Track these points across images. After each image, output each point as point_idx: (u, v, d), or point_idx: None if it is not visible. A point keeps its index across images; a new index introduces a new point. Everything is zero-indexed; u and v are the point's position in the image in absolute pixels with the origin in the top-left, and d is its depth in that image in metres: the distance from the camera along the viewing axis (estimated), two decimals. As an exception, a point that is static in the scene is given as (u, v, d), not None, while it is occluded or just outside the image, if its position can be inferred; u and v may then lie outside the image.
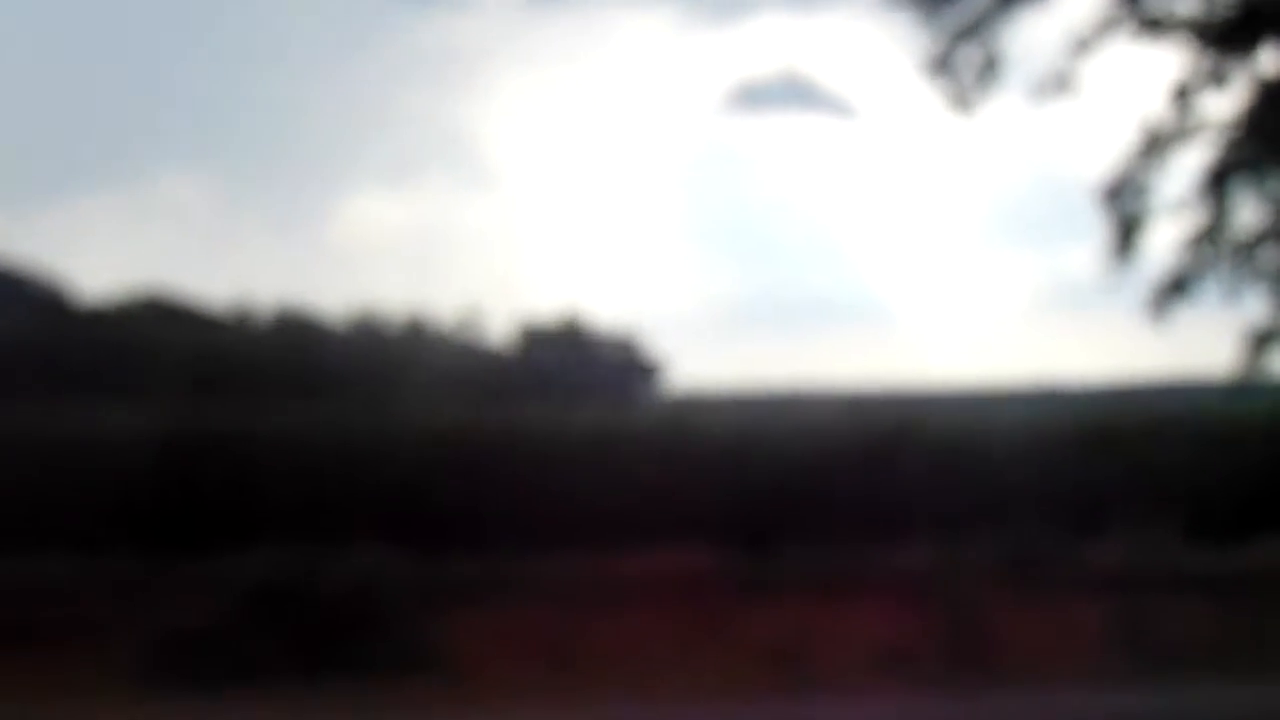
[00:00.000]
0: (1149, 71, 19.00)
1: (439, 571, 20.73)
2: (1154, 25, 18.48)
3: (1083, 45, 18.44)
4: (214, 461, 23.11)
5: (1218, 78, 18.50)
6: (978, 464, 22.52)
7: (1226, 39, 18.48)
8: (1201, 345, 20.04)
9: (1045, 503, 21.70)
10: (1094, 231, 19.00)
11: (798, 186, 58.57)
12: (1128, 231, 18.64)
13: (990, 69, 18.74)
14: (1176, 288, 18.73)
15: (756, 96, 64.56)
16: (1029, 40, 19.21)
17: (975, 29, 18.65)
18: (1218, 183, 18.61)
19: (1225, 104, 18.67)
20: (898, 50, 18.82)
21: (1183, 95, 18.56)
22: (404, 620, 20.05)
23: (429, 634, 19.93)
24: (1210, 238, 18.67)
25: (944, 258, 53.75)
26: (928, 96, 19.06)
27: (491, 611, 19.92)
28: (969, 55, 18.72)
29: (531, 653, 19.49)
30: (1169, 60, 18.66)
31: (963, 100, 18.85)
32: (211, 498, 22.60)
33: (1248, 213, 18.79)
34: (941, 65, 18.78)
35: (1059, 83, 18.46)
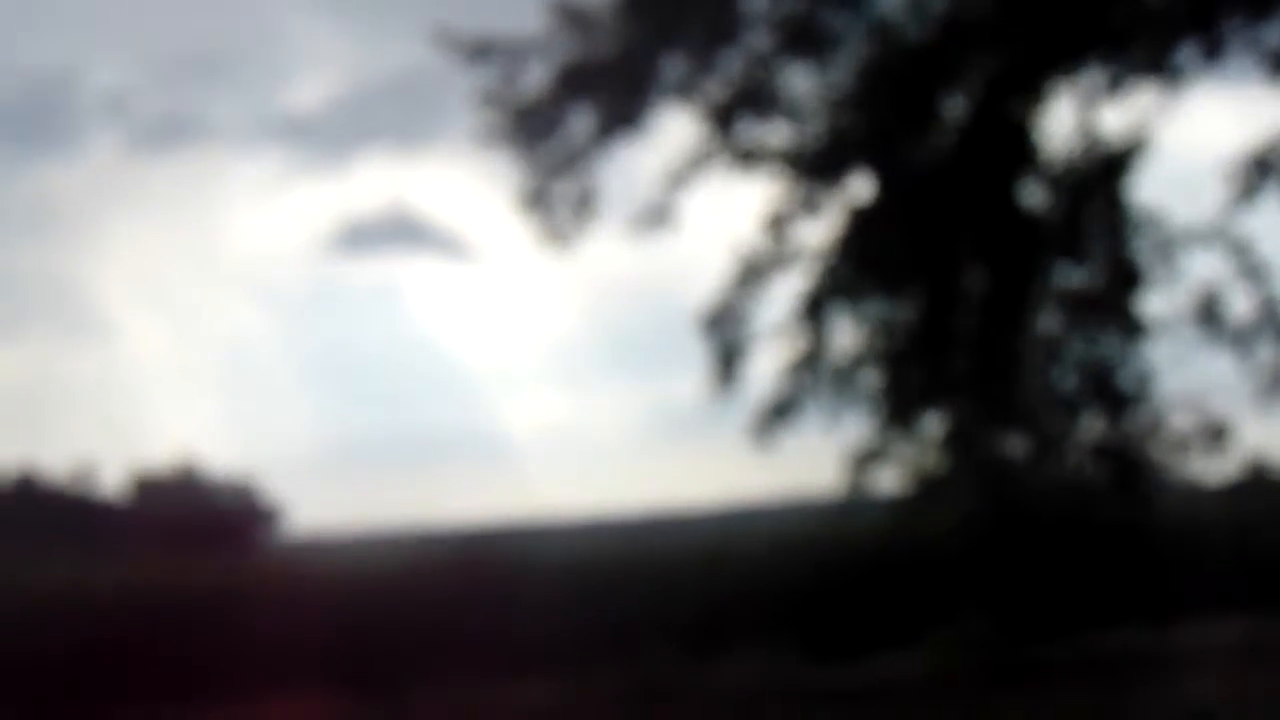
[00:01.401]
0: (745, 202, 19.42)
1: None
2: (747, 157, 18.95)
3: (678, 178, 18.78)
4: None
5: (811, 206, 19.00)
6: (598, 594, 22.51)
7: (818, 168, 19.03)
8: (807, 467, 20.39)
9: (666, 629, 21.78)
10: (698, 360, 19.28)
11: (410, 325, 58.47)
12: (729, 359, 18.95)
13: (586, 203, 18.95)
14: (778, 413, 19.09)
15: (364, 236, 64.56)
16: (627, 173, 19.52)
17: (570, 164, 18.86)
18: (815, 309, 19.06)
19: (819, 231, 19.18)
20: (502, 186, 18.87)
21: (777, 224, 18.99)
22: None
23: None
24: (809, 363, 19.08)
25: (556, 390, 54.21)
26: (526, 232, 19.19)
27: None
28: (564, 190, 18.92)
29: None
30: (764, 191, 19.12)
31: (558, 235, 19.01)
32: None
33: (846, 337, 19.29)
34: (536, 201, 18.92)
35: (657, 215, 18.76)
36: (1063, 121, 19.20)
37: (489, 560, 24.26)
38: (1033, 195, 19.50)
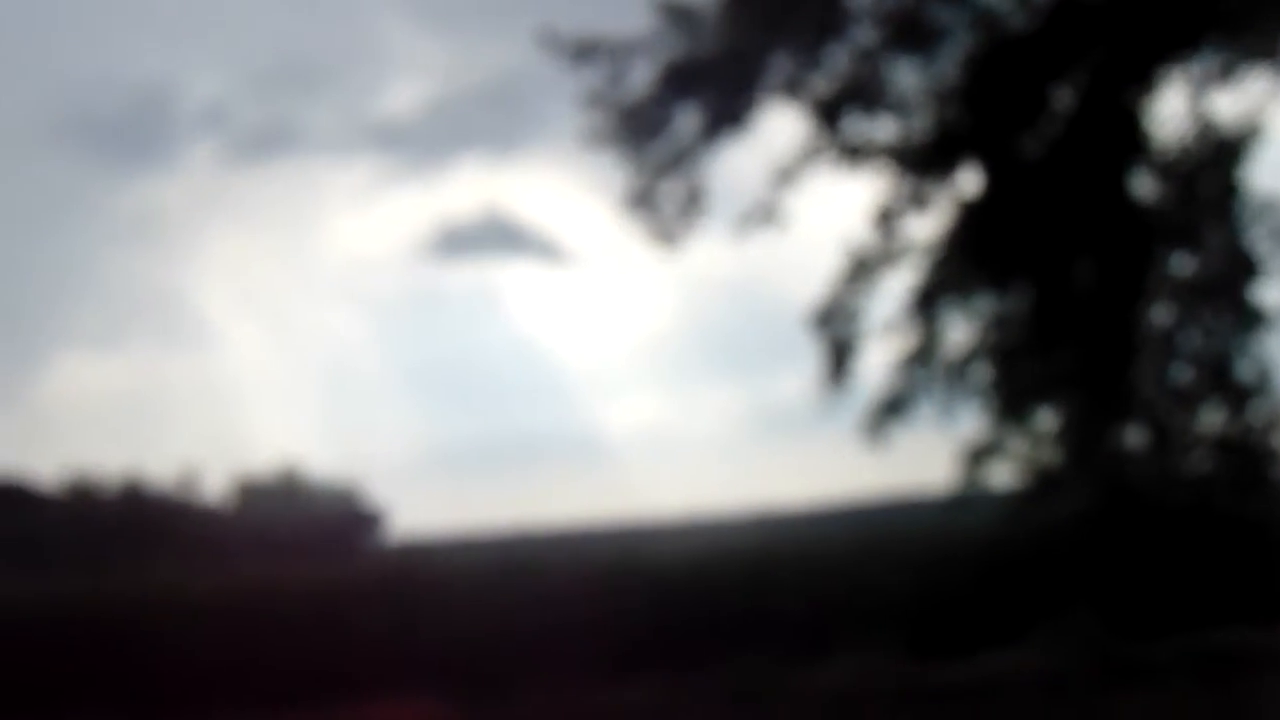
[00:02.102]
0: (853, 198, 19.30)
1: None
2: (854, 153, 18.81)
3: (785, 176, 18.67)
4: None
5: (919, 201, 18.87)
6: (701, 594, 22.41)
7: (925, 163, 18.88)
8: (918, 463, 20.26)
9: (771, 629, 21.66)
10: (806, 358, 19.18)
11: (508, 329, 58.64)
12: (840, 356, 18.85)
13: (693, 202, 18.88)
14: (891, 409, 18.96)
15: (461, 241, 64.65)
16: (732, 172, 19.42)
17: (677, 164, 18.78)
18: (926, 304, 18.93)
19: (928, 226, 19.04)
20: (601, 189, 18.85)
21: (886, 220, 18.87)
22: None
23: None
24: (921, 358, 18.94)
25: (656, 392, 54.16)
26: (632, 233, 19.12)
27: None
28: (671, 190, 18.85)
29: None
30: (871, 187, 18.99)
31: (666, 234, 18.95)
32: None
33: (957, 332, 19.13)
34: (643, 201, 18.87)
35: (764, 214, 18.66)
36: (1174, 109, 18.98)
37: (590, 562, 24.23)
38: (1144, 185, 19.27)
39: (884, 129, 19.01)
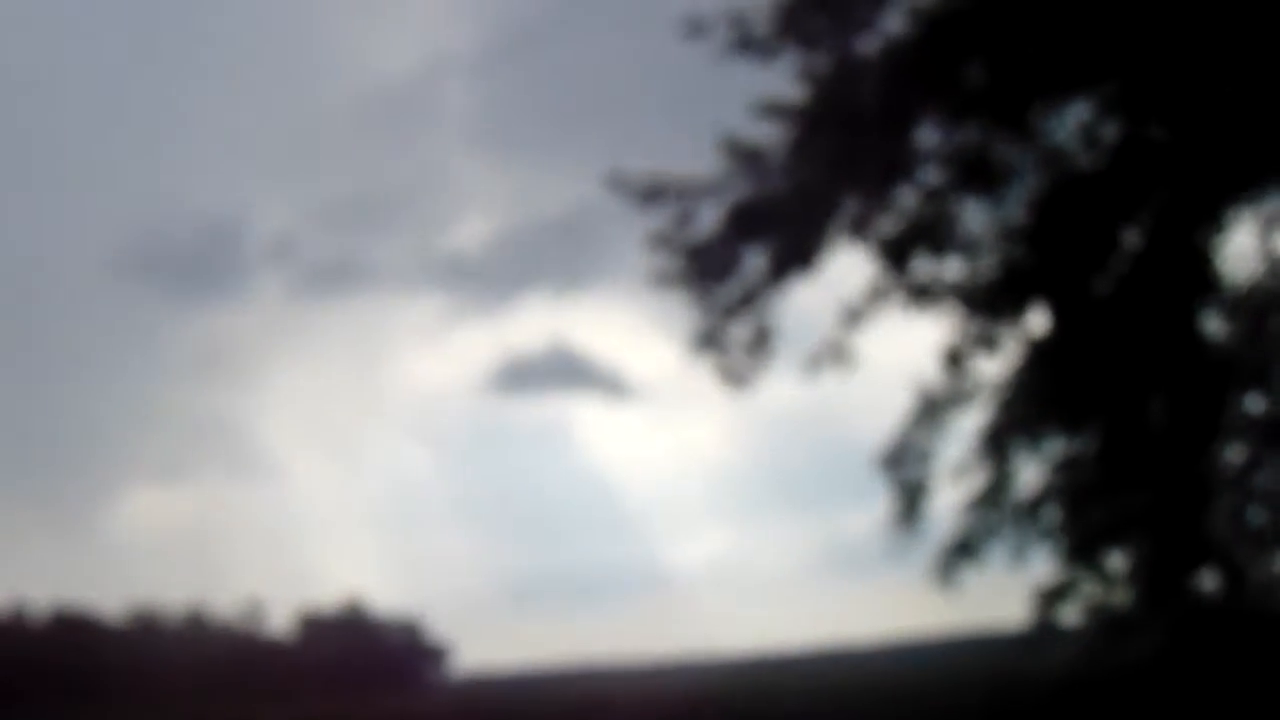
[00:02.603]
0: (922, 338, 19.26)
1: None
2: (922, 293, 18.76)
3: (854, 316, 18.63)
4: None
5: (988, 341, 18.78)
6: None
7: (993, 303, 18.82)
8: (988, 600, 20.16)
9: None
10: (875, 495, 19.09)
11: (573, 463, 59.04)
12: (911, 498, 18.74)
13: (762, 343, 18.86)
14: (962, 551, 18.83)
15: (526, 376, 65.49)
16: (800, 311, 19.41)
17: (745, 304, 18.78)
18: (996, 445, 18.83)
19: (998, 366, 18.96)
20: (666, 325, 18.87)
21: (955, 360, 18.80)
22: None
23: None
24: (992, 499, 18.81)
25: (722, 527, 54.48)
26: (699, 371, 19.10)
27: None
28: (740, 330, 18.84)
29: None
30: (940, 326, 18.94)
31: (735, 375, 18.91)
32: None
33: (1028, 473, 19.01)
34: (712, 341, 18.85)
35: (833, 354, 18.61)
36: (1243, 247, 18.89)
37: (658, 696, 24.17)
38: (1214, 323, 19.15)
39: (952, 269, 18.97)
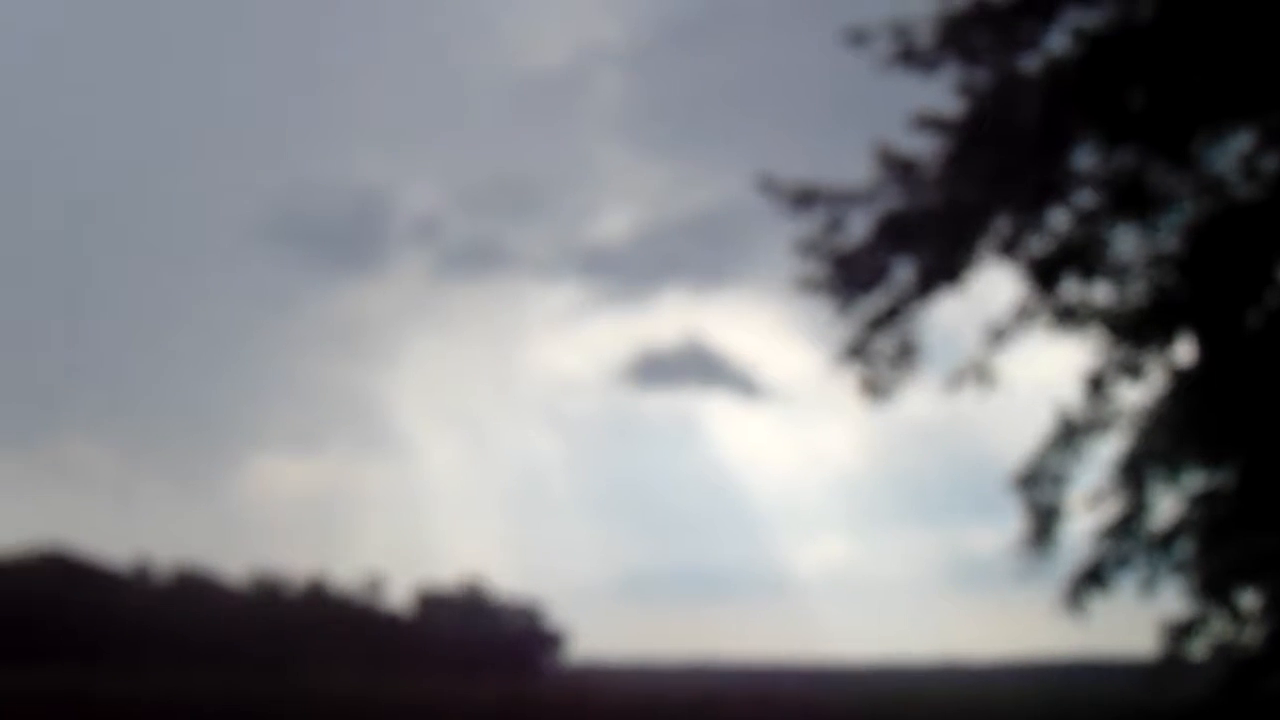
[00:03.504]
0: (1065, 361, 19.09)
1: None
2: (1069, 315, 18.57)
3: (998, 335, 18.49)
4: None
5: (1133, 368, 18.58)
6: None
7: (1140, 330, 18.61)
8: (1115, 628, 20.00)
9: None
10: (1003, 513, 19.00)
11: (700, 460, 59.10)
12: (1045, 520, 18.59)
13: (906, 356, 18.75)
14: (1092, 579, 18.68)
15: (660, 369, 65.54)
16: (942, 325, 19.29)
17: (890, 316, 18.68)
18: (1133, 473, 18.65)
19: (1140, 394, 18.77)
20: (804, 328, 18.86)
21: (1098, 385, 18.62)
22: None
23: None
24: (1126, 529, 18.65)
25: (845, 534, 54.28)
26: (840, 379, 19.02)
27: None
28: (884, 342, 18.75)
29: None
30: (1085, 350, 18.77)
31: (878, 386, 18.82)
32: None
33: (1164, 504, 18.82)
34: (856, 351, 18.77)
35: (976, 372, 18.47)
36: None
37: (771, 699, 24.12)
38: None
39: (1101, 293, 18.75)
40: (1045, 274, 18.45)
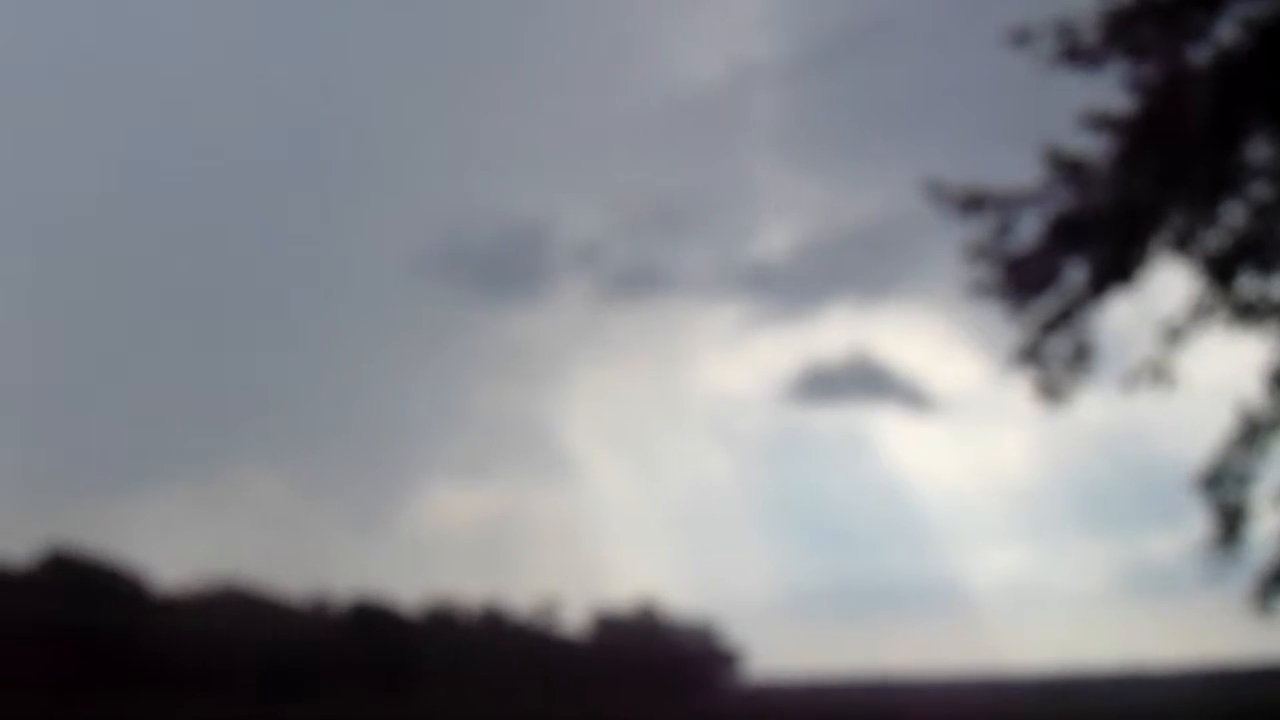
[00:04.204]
0: (1245, 358, 18.72)
1: None
2: (1247, 311, 18.22)
3: (1175, 334, 18.18)
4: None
5: (1317, 363, 18.20)
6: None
7: (1323, 324, 18.22)
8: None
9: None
10: (1183, 517, 18.65)
11: (871, 474, 58.70)
12: (1231, 521, 18.21)
13: (1081, 358, 18.51)
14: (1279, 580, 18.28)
15: (828, 384, 65.18)
16: (1117, 327, 19.00)
17: (1064, 318, 18.44)
18: (1320, 473, 18.24)
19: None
20: (970, 337, 18.65)
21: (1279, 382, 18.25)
22: None
23: None
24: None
25: (1020, 544, 53.51)
26: (1013, 386, 18.80)
27: None
28: (1058, 345, 18.51)
29: None
30: (1265, 347, 18.39)
31: (1053, 390, 18.57)
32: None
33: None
34: (1030, 356, 18.56)
35: (1153, 372, 18.17)
36: None
37: (953, 711, 23.92)
38: None
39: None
40: (1221, 270, 18.11)
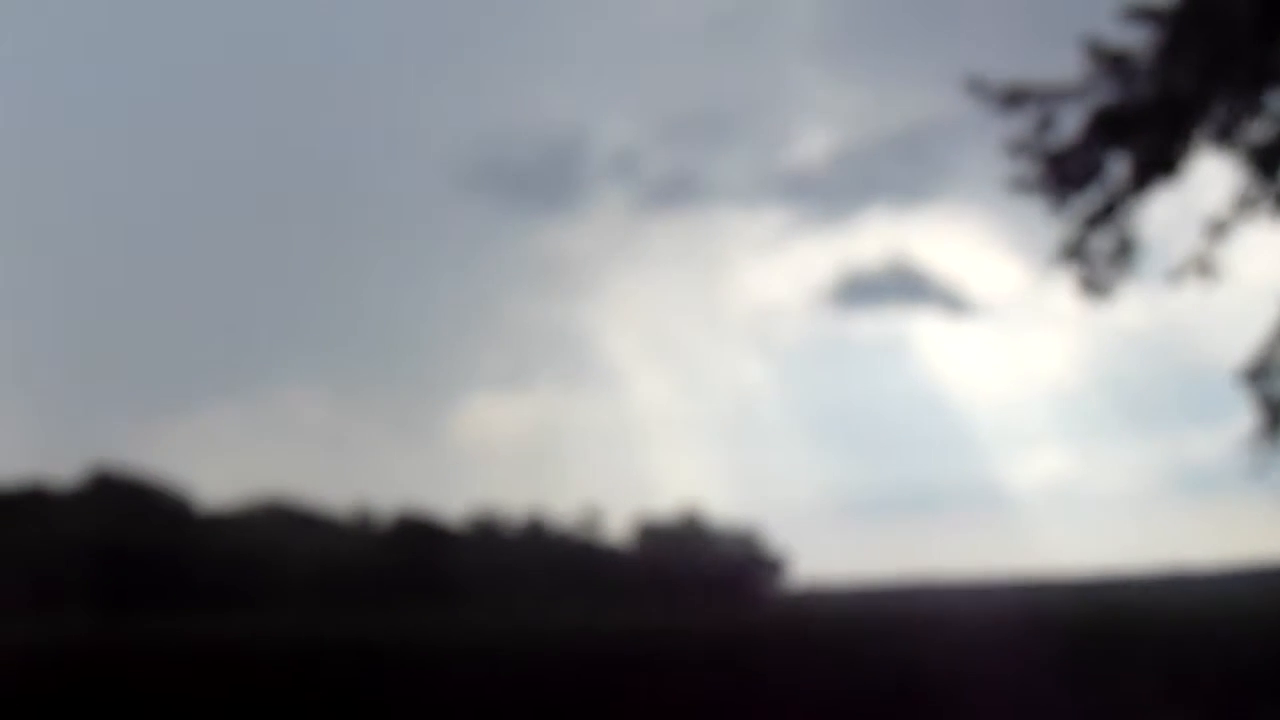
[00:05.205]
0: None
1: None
2: (1293, 203, 18.12)
3: (1219, 227, 18.08)
4: (338, 670, 22.80)
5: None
6: (1109, 653, 21.92)
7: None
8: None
9: (1182, 692, 21.09)
10: (1225, 415, 18.60)
11: (911, 379, 58.42)
12: (1277, 413, 18.16)
13: (1124, 253, 18.42)
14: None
15: (866, 290, 64.67)
16: (1159, 221, 18.89)
17: (1107, 213, 18.34)
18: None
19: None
20: (1007, 238, 18.60)
21: (1325, 274, 18.18)
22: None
23: None
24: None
25: (1061, 445, 53.21)
26: (1056, 284, 18.73)
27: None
28: (1101, 240, 18.42)
29: None
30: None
31: (1096, 286, 18.50)
32: (337, 707, 22.30)
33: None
34: (1073, 252, 18.47)
35: (1197, 266, 18.08)
36: None
37: (994, 614, 23.83)
38: None
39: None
40: (1265, 161, 17.98)
